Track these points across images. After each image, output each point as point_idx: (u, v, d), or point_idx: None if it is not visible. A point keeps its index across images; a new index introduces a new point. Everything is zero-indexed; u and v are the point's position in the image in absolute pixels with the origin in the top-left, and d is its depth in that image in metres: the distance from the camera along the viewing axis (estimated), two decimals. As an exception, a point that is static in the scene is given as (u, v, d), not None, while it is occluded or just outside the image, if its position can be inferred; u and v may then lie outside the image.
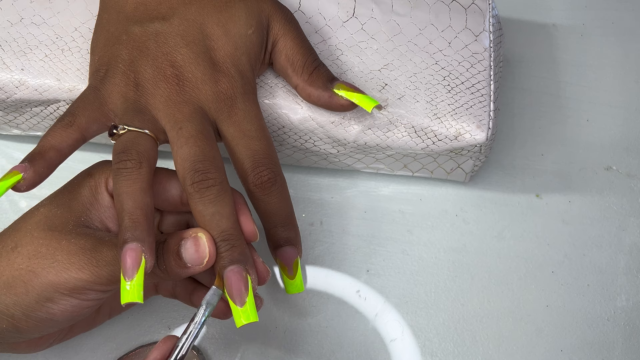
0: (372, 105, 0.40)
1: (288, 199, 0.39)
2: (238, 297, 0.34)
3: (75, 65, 0.43)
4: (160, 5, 0.40)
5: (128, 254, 0.33)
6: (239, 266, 0.35)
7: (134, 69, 0.39)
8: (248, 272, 0.35)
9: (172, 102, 0.38)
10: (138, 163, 0.35)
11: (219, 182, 0.36)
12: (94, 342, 0.43)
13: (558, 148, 0.51)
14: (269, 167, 0.38)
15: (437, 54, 0.45)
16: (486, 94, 0.44)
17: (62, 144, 0.36)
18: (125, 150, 0.35)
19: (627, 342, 0.45)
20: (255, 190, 0.38)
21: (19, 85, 0.42)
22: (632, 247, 0.48)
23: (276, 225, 0.39)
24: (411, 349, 0.44)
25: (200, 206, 0.35)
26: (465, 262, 0.47)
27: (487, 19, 0.46)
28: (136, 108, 0.37)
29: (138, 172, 0.35)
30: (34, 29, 0.44)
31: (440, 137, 0.43)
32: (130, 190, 0.34)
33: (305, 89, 0.41)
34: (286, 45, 0.41)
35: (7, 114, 0.45)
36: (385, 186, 0.49)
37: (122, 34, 0.40)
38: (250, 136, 0.38)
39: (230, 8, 0.40)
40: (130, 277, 0.33)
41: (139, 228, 0.34)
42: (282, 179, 0.39)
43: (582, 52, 0.55)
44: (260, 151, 0.38)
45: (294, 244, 0.39)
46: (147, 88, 0.38)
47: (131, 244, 0.33)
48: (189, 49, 0.39)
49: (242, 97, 0.39)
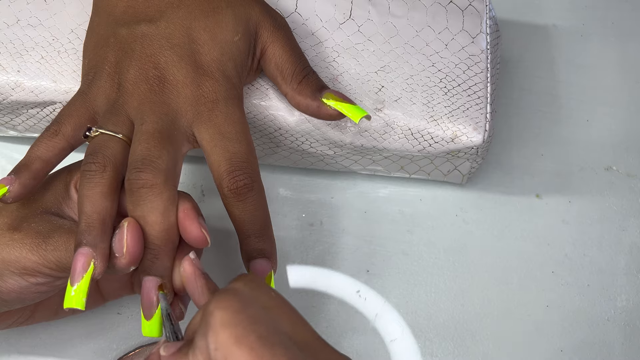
0: (360, 115, 0.40)
1: (265, 208, 0.38)
2: (147, 308, 0.35)
3: (72, 67, 0.43)
4: (149, 8, 0.40)
5: (78, 258, 0.33)
6: (155, 278, 0.35)
7: (118, 71, 0.39)
8: (163, 285, 0.35)
9: (147, 100, 0.38)
10: (102, 167, 0.35)
11: (151, 185, 0.35)
12: (93, 342, 0.43)
13: (558, 148, 0.51)
14: (246, 172, 0.36)
15: (433, 56, 0.45)
16: (483, 96, 0.44)
17: (48, 153, 0.36)
18: (93, 153, 0.35)
19: (627, 342, 0.45)
20: (229, 195, 0.36)
21: (15, 87, 0.43)
22: (632, 247, 0.48)
23: (250, 235, 0.37)
24: (411, 349, 0.44)
25: (131, 206, 0.35)
26: (465, 262, 0.47)
27: (484, 21, 0.46)
28: (114, 109, 0.37)
29: (101, 176, 0.35)
30: (31, 30, 0.44)
31: (437, 140, 0.43)
32: (90, 193, 0.34)
33: (294, 98, 0.41)
34: (275, 53, 0.41)
35: (4, 116, 0.45)
36: (385, 186, 0.49)
37: (110, 37, 0.40)
38: (229, 138, 0.37)
39: (217, 14, 0.40)
40: (77, 281, 0.33)
41: (93, 232, 0.34)
42: (260, 187, 0.37)
43: (582, 52, 0.55)
44: (238, 154, 0.37)
45: (268, 257, 0.38)
46: (127, 88, 0.38)
47: (83, 248, 0.33)
48: (173, 52, 0.39)
49: (225, 101, 0.38)
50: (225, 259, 0.46)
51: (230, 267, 0.45)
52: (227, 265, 0.45)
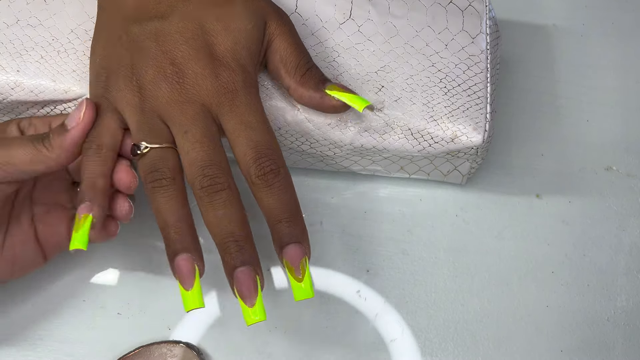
0: (363, 105, 0.40)
1: (293, 193, 0.38)
2: (248, 297, 0.36)
3: (71, 67, 0.43)
4: (160, 4, 0.40)
5: (182, 264, 0.36)
6: (248, 267, 0.36)
7: (135, 72, 0.39)
8: (257, 273, 0.36)
9: (174, 102, 0.38)
10: (172, 179, 0.37)
11: (227, 187, 0.37)
12: (93, 342, 0.43)
13: (558, 148, 0.51)
14: (272, 158, 0.37)
15: (433, 56, 0.45)
16: (483, 96, 0.44)
17: (103, 168, 0.38)
18: (157, 169, 0.37)
19: (627, 342, 0.45)
20: (258, 182, 0.37)
21: (15, 86, 0.43)
22: (632, 247, 0.48)
23: (280, 220, 0.37)
24: (411, 349, 0.44)
25: (210, 209, 0.36)
26: (465, 262, 0.47)
27: (484, 21, 0.46)
28: (145, 119, 0.38)
29: (174, 188, 0.37)
30: (30, 30, 0.44)
31: (437, 140, 0.43)
32: (169, 205, 0.37)
33: (297, 90, 0.41)
34: (281, 45, 0.41)
35: (3, 116, 0.45)
36: (385, 186, 0.49)
37: (122, 35, 0.40)
38: (252, 127, 0.38)
39: (229, 4, 0.40)
40: (190, 285, 0.36)
41: (187, 239, 0.36)
42: (287, 172, 0.38)
43: (581, 52, 0.55)
44: (262, 142, 0.38)
45: (300, 242, 0.37)
46: (149, 90, 0.38)
47: (182, 254, 0.36)
48: (188, 46, 0.39)
49: (244, 90, 0.39)
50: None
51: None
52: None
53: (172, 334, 0.43)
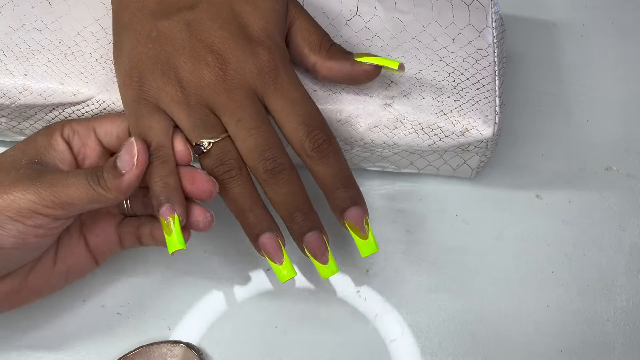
0: (396, 64, 0.41)
1: (345, 160, 0.40)
2: (321, 256, 0.39)
3: (79, 69, 0.43)
4: None
5: (267, 242, 0.39)
6: (316, 231, 0.39)
7: (172, 66, 0.38)
8: (324, 234, 0.39)
9: (221, 91, 0.38)
10: (238, 170, 0.38)
11: (288, 166, 0.38)
12: (93, 342, 0.43)
13: (558, 148, 0.51)
14: (322, 130, 0.39)
15: (441, 50, 0.45)
16: (491, 89, 0.44)
17: (172, 166, 0.38)
18: (223, 163, 0.38)
19: (627, 342, 0.45)
20: (313, 155, 0.38)
21: (23, 90, 0.43)
22: (632, 247, 0.48)
23: (338, 187, 0.39)
24: (411, 349, 0.44)
25: (276, 188, 0.38)
26: (465, 262, 0.47)
27: (489, 15, 0.47)
28: (195, 113, 0.38)
29: (243, 177, 0.39)
30: (36, 34, 0.44)
31: (447, 134, 0.43)
32: (242, 192, 0.38)
33: (325, 64, 0.42)
34: (302, 26, 0.42)
35: (11, 120, 0.45)
36: (385, 186, 0.49)
37: (152, 31, 0.39)
38: (298, 103, 0.39)
39: None
40: (280, 259, 0.39)
41: (265, 219, 0.39)
42: (336, 141, 0.39)
43: (582, 52, 0.55)
44: (311, 116, 0.39)
45: (358, 204, 0.40)
46: (191, 82, 0.38)
47: (265, 234, 0.39)
48: (224, 30, 0.39)
49: (283, 67, 0.39)
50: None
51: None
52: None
53: (172, 334, 0.43)
